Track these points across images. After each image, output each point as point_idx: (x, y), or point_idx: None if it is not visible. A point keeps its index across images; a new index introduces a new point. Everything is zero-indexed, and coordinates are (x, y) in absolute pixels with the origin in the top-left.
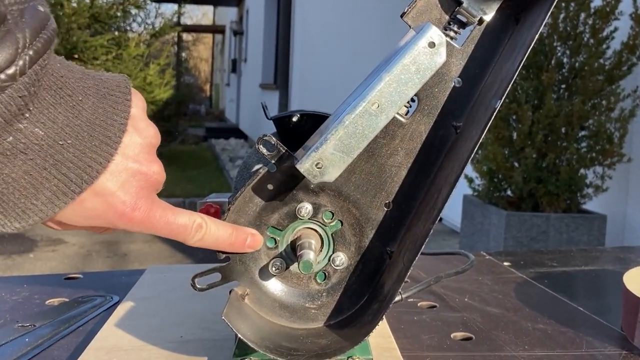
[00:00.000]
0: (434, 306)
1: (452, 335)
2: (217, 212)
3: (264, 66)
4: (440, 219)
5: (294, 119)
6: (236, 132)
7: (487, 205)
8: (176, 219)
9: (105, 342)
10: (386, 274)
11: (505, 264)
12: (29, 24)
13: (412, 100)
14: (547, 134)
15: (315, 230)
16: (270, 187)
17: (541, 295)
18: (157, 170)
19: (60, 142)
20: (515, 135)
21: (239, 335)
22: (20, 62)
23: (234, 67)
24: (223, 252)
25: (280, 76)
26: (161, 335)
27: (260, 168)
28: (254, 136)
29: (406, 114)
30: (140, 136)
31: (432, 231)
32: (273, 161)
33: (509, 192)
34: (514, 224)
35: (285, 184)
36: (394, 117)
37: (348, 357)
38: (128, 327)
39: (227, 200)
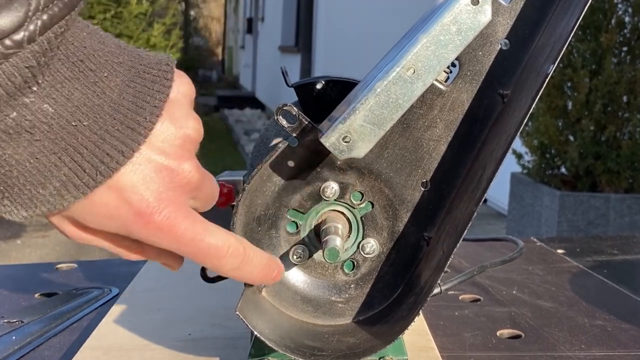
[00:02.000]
0: (478, 299)
1: (498, 333)
2: (231, 192)
3: (283, 26)
4: (485, 200)
5: (318, 86)
6: (252, 102)
7: (539, 185)
8: (206, 236)
9: (103, 340)
10: (423, 263)
11: (559, 251)
12: None
13: (453, 65)
14: (607, 103)
15: (343, 213)
16: (291, 163)
17: (600, 287)
18: (188, 169)
19: (74, 124)
20: (570, 104)
21: (256, 333)
22: (31, 27)
23: (250, 27)
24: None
25: (302, 37)
26: (166, 333)
27: (279, 142)
28: (273, 106)
29: (446, 81)
30: (175, 126)
31: (475, 214)
32: (294, 134)
33: (563, 170)
34: (568, 205)
35: (308, 161)
36: (432, 84)
37: (380, 358)
38: (129, 323)
39: (241, 178)
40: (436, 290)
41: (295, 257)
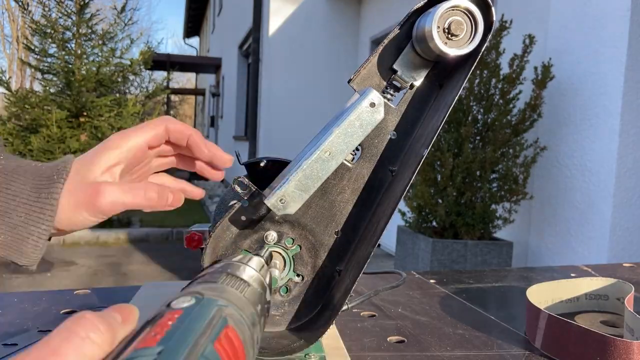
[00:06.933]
0: (374, 315)
1: (388, 339)
2: (200, 239)
3: (236, 121)
4: (379, 244)
5: (262, 164)
6: None
7: (417, 234)
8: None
9: None
10: (335, 288)
11: (431, 281)
12: None
13: (357, 149)
14: (465, 176)
15: (280, 253)
16: (243, 218)
17: (460, 306)
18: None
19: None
20: (439, 177)
21: None
22: None
23: (213, 122)
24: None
25: (249, 129)
26: None
27: (235, 203)
28: (230, 178)
29: (352, 160)
30: None
31: (372, 254)
32: (245, 198)
33: (434, 223)
34: (438, 249)
35: (256, 216)
36: (342, 163)
37: (305, 355)
38: None
39: (207, 229)
40: (344, 308)
41: None
